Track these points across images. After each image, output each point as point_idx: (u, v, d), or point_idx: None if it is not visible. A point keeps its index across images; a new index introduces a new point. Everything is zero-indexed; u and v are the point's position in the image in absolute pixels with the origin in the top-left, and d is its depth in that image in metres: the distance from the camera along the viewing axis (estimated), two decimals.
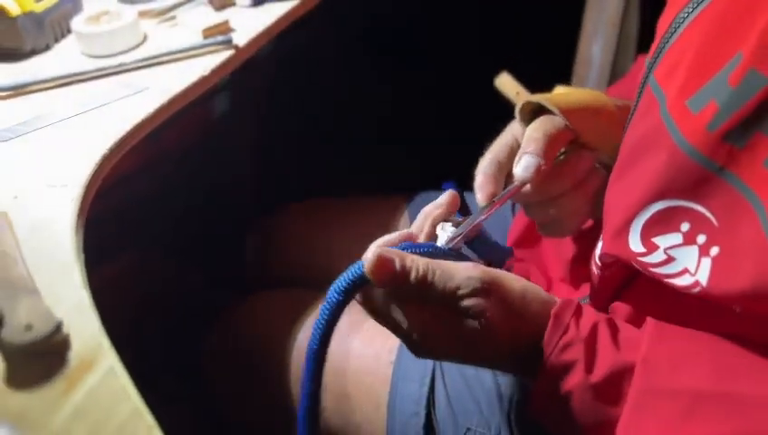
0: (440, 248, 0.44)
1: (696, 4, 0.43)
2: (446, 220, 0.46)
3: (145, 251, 0.96)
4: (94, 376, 0.35)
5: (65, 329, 0.37)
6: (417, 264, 0.40)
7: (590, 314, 0.43)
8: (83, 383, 0.34)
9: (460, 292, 0.40)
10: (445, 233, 0.45)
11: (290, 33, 0.77)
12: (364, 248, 0.42)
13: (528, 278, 0.44)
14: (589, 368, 0.40)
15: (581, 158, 0.53)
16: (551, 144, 0.50)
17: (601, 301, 0.51)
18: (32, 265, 0.41)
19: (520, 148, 0.51)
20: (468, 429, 0.59)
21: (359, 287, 0.42)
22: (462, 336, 0.41)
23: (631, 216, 0.43)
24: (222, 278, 0.93)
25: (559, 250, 0.64)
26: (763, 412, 0.36)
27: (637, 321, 0.46)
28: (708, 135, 0.38)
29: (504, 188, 0.52)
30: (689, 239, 0.40)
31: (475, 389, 0.61)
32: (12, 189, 0.49)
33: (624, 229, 0.44)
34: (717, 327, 0.40)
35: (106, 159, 0.52)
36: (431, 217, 0.47)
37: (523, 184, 0.50)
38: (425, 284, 0.40)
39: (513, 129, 0.57)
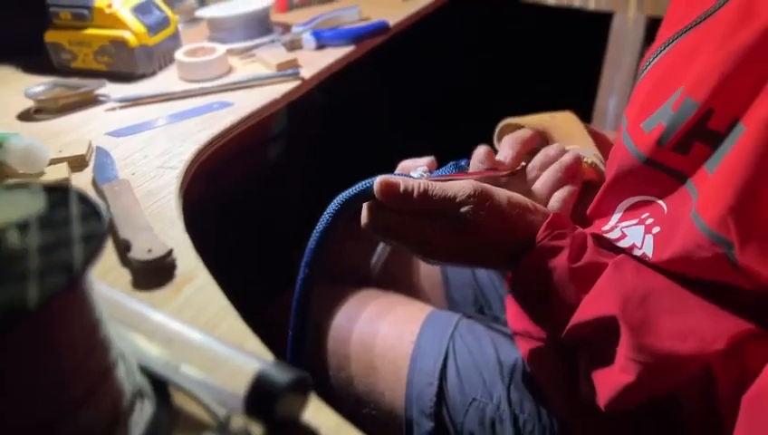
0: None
1: (654, 57, 0.56)
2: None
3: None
4: (193, 285, 0.48)
5: (173, 255, 0.50)
6: (418, 183, 0.50)
7: (582, 229, 0.54)
8: (186, 289, 0.47)
9: (456, 199, 0.49)
10: (416, 173, 0.55)
11: (340, 83, 0.91)
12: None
13: None
14: (572, 255, 0.49)
15: (550, 147, 0.64)
16: (520, 144, 0.63)
17: None
18: (147, 221, 0.55)
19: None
20: (474, 398, 0.69)
21: (359, 201, 0.51)
22: (460, 238, 0.51)
23: (612, 200, 0.56)
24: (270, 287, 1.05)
25: None
26: (706, 317, 0.45)
27: None
28: (659, 148, 0.50)
29: None
30: (641, 221, 0.52)
31: (481, 366, 0.70)
32: (131, 169, 0.64)
33: (608, 207, 0.56)
34: None
35: (201, 151, 0.66)
36: (408, 167, 0.59)
37: (496, 170, 0.62)
38: (426, 196, 0.49)
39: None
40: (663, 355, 0.44)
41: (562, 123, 0.67)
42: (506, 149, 0.62)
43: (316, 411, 0.37)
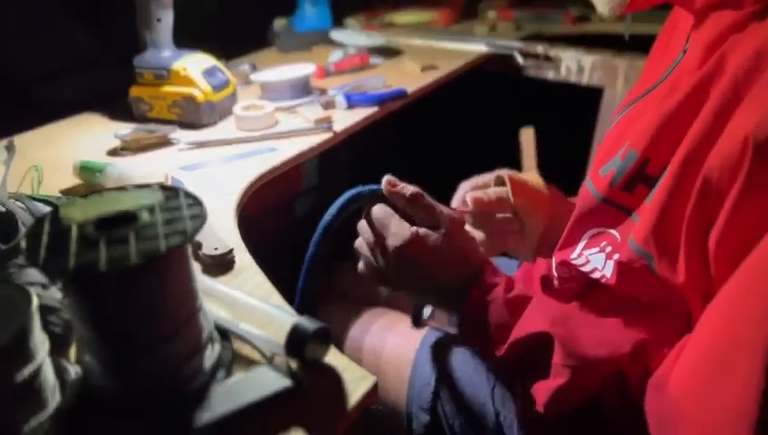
0: None
1: (616, 118, 0.71)
2: None
3: None
4: (247, 275, 0.63)
5: (233, 253, 0.65)
6: (413, 187, 0.65)
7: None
8: (241, 277, 0.62)
9: (438, 210, 0.64)
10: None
11: (366, 142, 1.05)
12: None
13: None
14: (507, 289, 0.63)
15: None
16: (493, 204, 0.77)
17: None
18: (213, 229, 0.71)
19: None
20: (463, 395, 0.81)
21: (363, 199, 0.66)
22: (432, 250, 0.64)
23: (579, 232, 0.69)
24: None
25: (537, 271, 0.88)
26: (614, 330, 0.58)
27: None
28: (612, 189, 0.64)
29: None
30: (602, 249, 0.65)
31: (471, 371, 0.82)
32: (198, 194, 0.80)
33: (576, 238, 0.70)
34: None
35: (252, 184, 0.82)
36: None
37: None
38: (418, 197, 0.64)
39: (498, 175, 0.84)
40: (586, 359, 0.57)
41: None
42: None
43: (333, 356, 0.51)
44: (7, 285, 0.45)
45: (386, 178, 0.66)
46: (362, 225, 0.70)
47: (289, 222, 1.44)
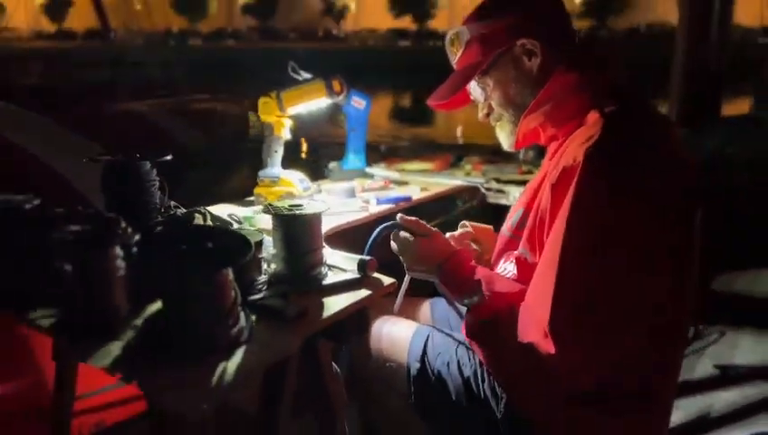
0: None
1: (519, 195, 1.35)
2: None
3: None
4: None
5: (325, 246, 1.26)
6: (415, 218, 1.24)
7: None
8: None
9: (428, 228, 1.22)
10: None
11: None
12: None
13: None
14: (469, 259, 1.19)
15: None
16: (460, 237, 1.38)
17: None
18: None
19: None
20: (440, 353, 1.31)
21: (391, 228, 1.23)
22: (428, 243, 1.21)
23: (499, 258, 1.28)
24: None
25: None
26: (512, 284, 1.14)
27: None
28: (513, 229, 1.24)
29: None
30: (512, 262, 1.23)
31: (444, 340, 1.35)
32: None
33: (498, 261, 1.28)
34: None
35: (328, 230, 1.45)
36: None
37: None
38: (419, 223, 1.23)
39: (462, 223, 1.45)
40: (495, 292, 1.05)
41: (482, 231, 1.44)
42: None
43: (376, 274, 1.10)
44: (254, 231, 1.07)
45: (399, 215, 1.27)
46: (394, 239, 1.29)
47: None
